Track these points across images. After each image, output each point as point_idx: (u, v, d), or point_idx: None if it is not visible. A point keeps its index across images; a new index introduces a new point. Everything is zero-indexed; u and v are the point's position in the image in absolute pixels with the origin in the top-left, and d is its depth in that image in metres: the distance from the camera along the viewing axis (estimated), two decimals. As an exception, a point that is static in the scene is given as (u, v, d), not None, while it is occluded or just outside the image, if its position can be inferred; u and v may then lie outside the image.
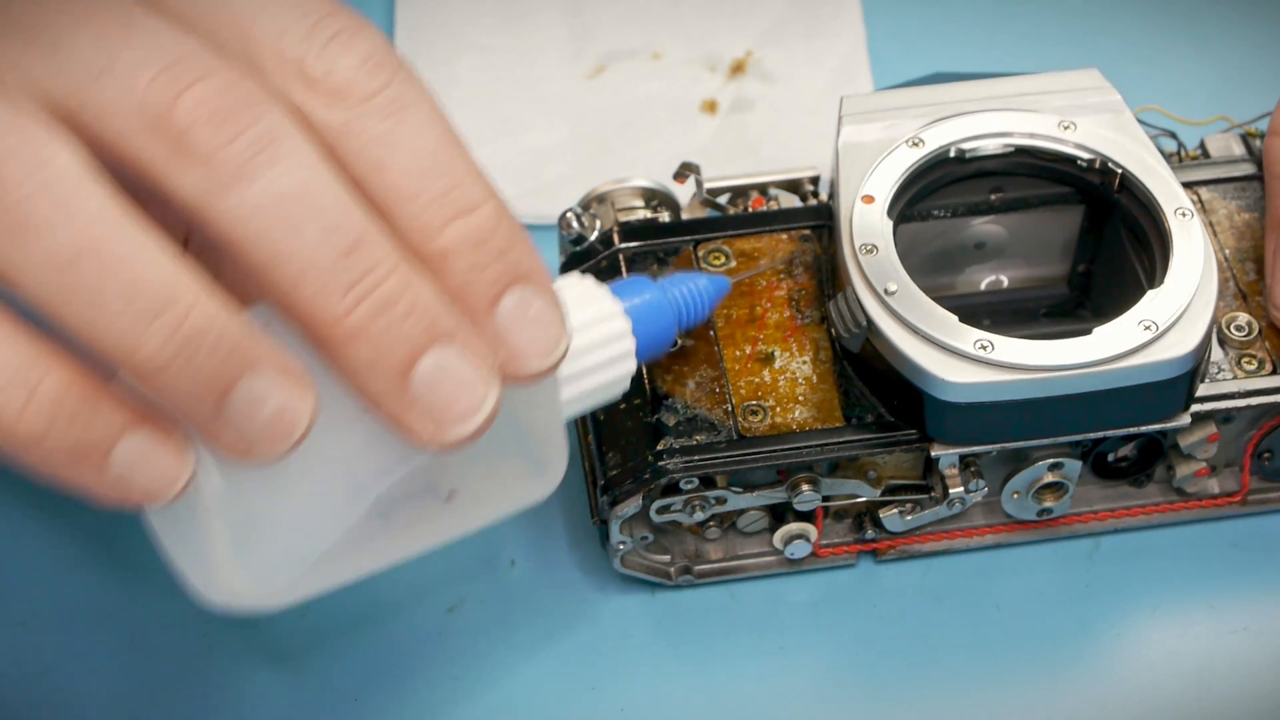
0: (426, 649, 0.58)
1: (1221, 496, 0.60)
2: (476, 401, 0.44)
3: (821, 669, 0.58)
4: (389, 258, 0.43)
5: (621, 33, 0.75)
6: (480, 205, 0.45)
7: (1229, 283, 0.58)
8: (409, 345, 0.43)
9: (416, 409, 0.44)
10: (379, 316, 0.43)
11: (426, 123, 0.45)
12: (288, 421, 0.42)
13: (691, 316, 0.55)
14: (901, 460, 0.57)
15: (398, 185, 0.44)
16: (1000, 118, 0.59)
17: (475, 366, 0.44)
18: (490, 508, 0.50)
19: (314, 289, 0.42)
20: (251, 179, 0.42)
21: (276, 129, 0.42)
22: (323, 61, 0.44)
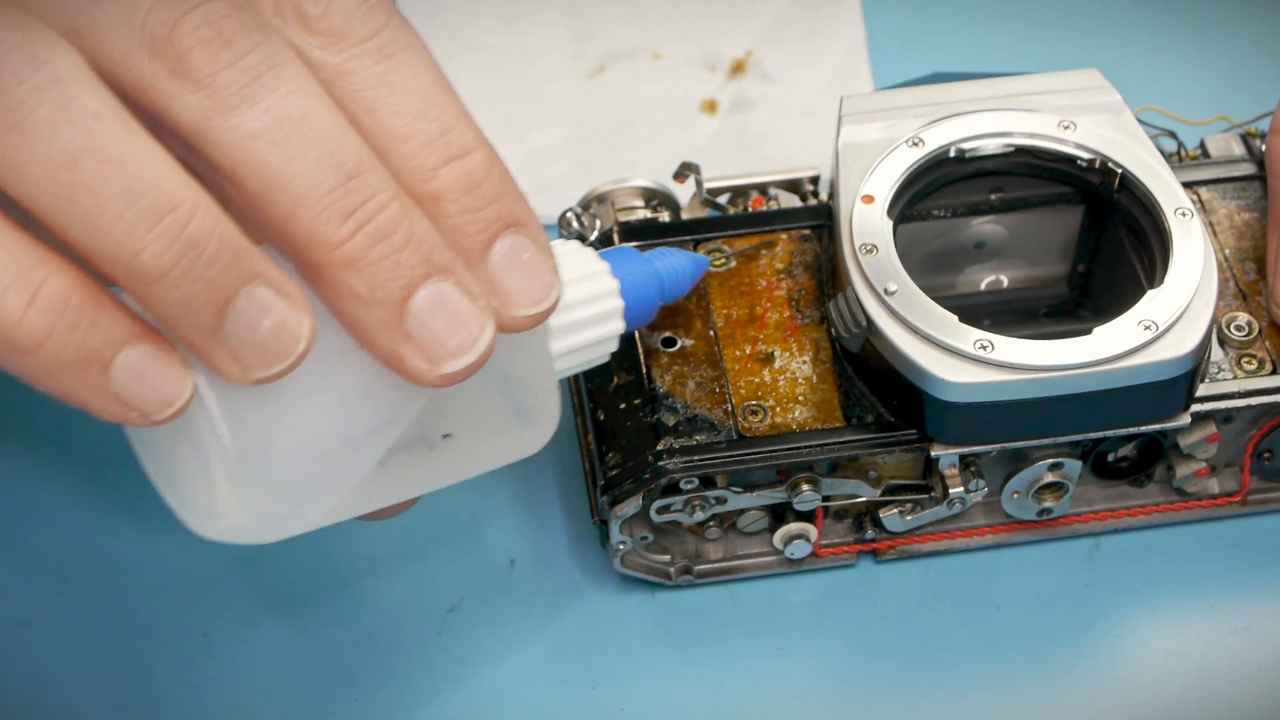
0: (426, 649, 0.58)
1: (1221, 496, 0.60)
2: (472, 336, 0.44)
3: (821, 669, 0.58)
4: (387, 188, 0.43)
5: (621, 33, 0.75)
6: (473, 150, 0.45)
7: (1229, 283, 0.58)
8: (406, 275, 0.43)
9: (411, 342, 0.43)
10: (376, 245, 0.42)
11: (420, 67, 0.45)
12: (287, 337, 0.42)
13: (674, 290, 0.55)
14: (901, 460, 0.57)
15: (391, 127, 0.44)
16: (1000, 118, 0.59)
17: (471, 301, 0.44)
18: (482, 457, 0.50)
19: (311, 215, 0.42)
20: (251, 103, 0.42)
21: (277, 55, 0.42)
22: (319, 2, 0.44)
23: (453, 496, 0.53)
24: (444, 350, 0.44)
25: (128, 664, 0.58)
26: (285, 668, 0.58)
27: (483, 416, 0.49)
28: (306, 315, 0.42)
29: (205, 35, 0.42)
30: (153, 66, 0.41)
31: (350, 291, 0.43)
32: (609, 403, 0.57)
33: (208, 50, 0.42)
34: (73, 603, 0.59)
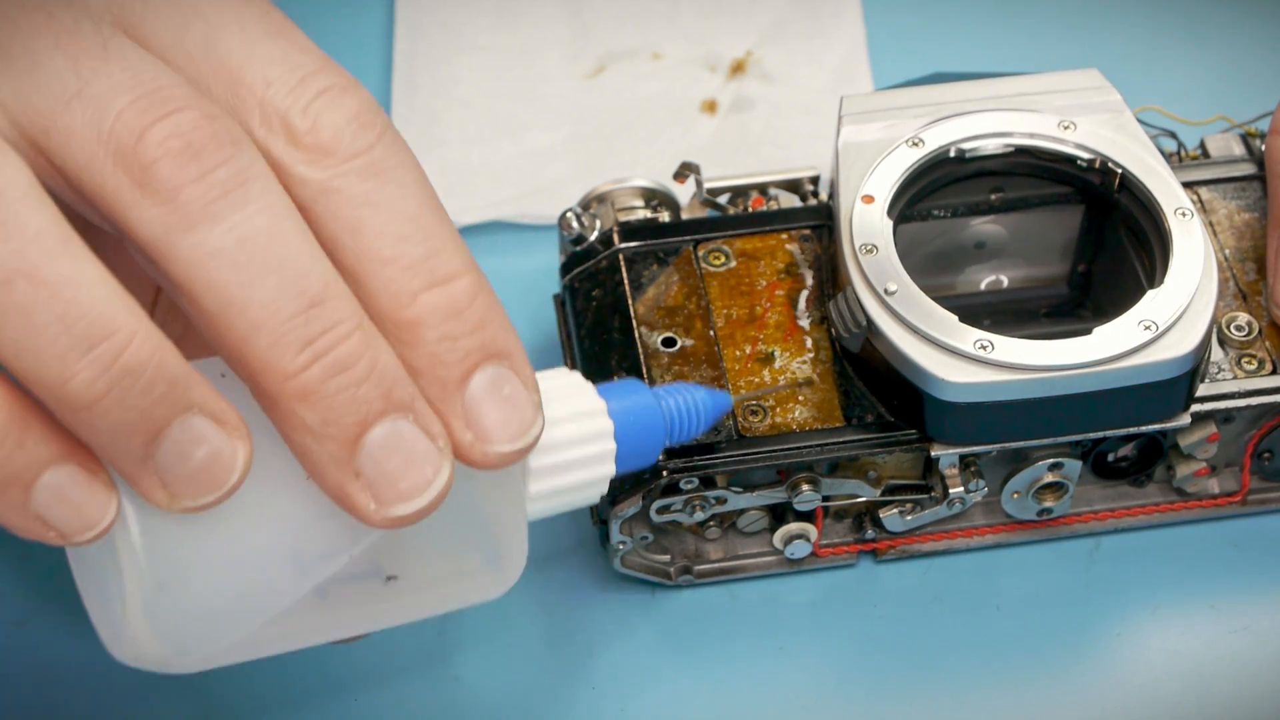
0: (426, 649, 0.58)
1: (1221, 496, 0.60)
2: (425, 480, 0.42)
3: (821, 669, 0.58)
4: (351, 317, 0.41)
5: (621, 33, 0.75)
6: (459, 276, 0.43)
7: (1229, 283, 0.58)
8: (362, 411, 0.41)
9: (360, 480, 0.42)
10: (334, 377, 0.41)
11: (409, 187, 0.43)
12: (219, 469, 0.41)
13: (685, 431, 0.50)
14: (901, 460, 0.57)
15: (373, 248, 0.42)
16: (1000, 118, 0.59)
17: (429, 442, 0.42)
18: (436, 599, 0.48)
19: (268, 342, 0.40)
20: (215, 220, 0.40)
21: (248, 170, 0.41)
22: (308, 116, 0.42)
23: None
24: (394, 492, 0.42)
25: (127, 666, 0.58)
26: (285, 668, 0.58)
27: (441, 555, 0.47)
28: (243, 445, 0.41)
29: (173, 146, 0.40)
30: (116, 175, 0.40)
31: (302, 423, 0.41)
32: (609, 403, 0.57)
33: (175, 163, 0.40)
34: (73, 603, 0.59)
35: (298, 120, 0.42)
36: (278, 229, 0.41)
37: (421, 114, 0.72)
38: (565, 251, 0.61)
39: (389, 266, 0.42)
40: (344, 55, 0.75)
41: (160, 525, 0.42)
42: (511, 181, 0.70)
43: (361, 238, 0.42)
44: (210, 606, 0.44)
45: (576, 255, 0.61)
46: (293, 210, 0.42)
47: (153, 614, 0.43)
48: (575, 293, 0.60)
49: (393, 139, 0.44)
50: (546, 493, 0.47)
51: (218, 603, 0.44)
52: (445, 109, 0.72)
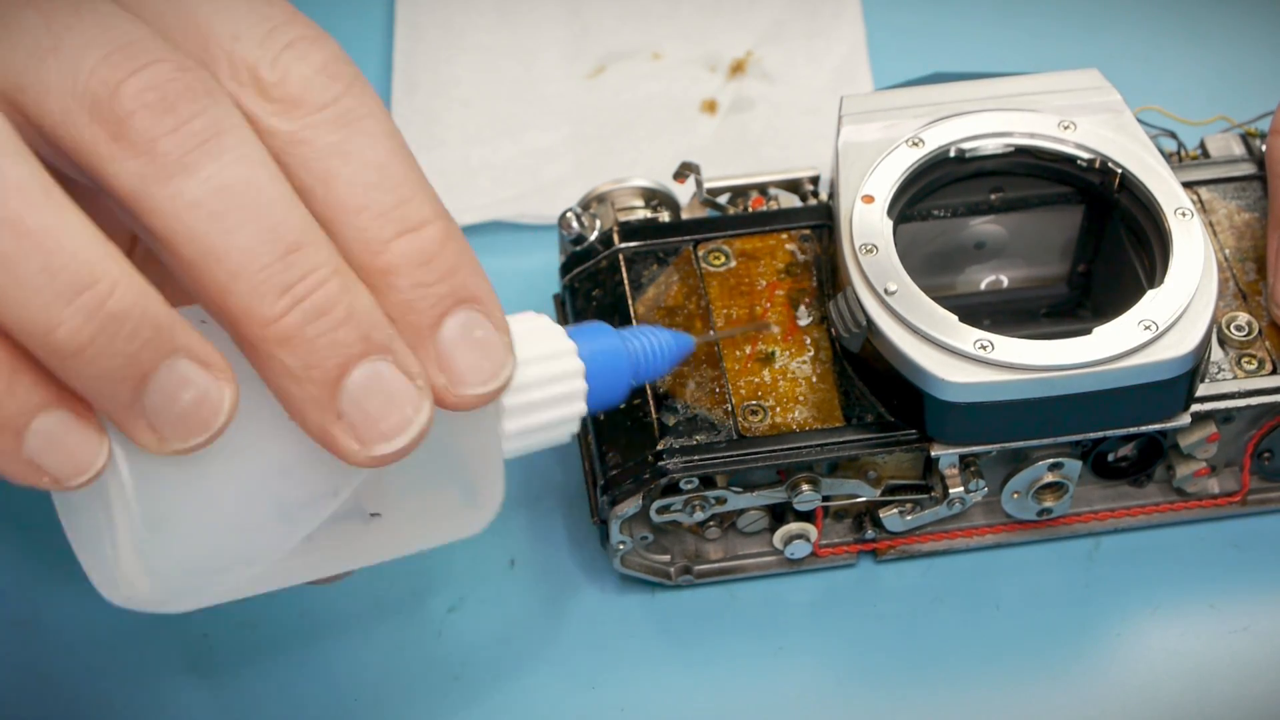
0: (426, 649, 0.58)
1: (1221, 496, 0.60)
2: (405, 419, 0.43)
3: (821, 669, 0.58)
4: (328, 262, 0.42)
5: (621, 33, 0.75)
6: (429, 223, 0.44)
7: (1229, 283, 0.58)
8: (342, 354, 0.42)
9: (343, 421, 0.42)
10: (313, 321, 0.41)
11: (378, 136, 0.44)
12: (206, 411, 0.41)
13: (649, 371, 0.51)
14: (901, 460, 0.57)
15: (344, 198, 0.43)
16: (1000, 118, 0.59)
17: (408, 382, 0.43)
18: (417, 536, 0.49)
19: (247, 289, 0.41)
20: (192, 170, 0.41)
21: (223, 121, 0.41)
22: (277, 68, 0.43)
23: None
24: (376, 432, 0.43)
25: (128, 663, 0.58)
26: (285, 668, 0.58)
27: (421, 493, 0.47)
28: (229, 387, 0.42)
29: (148, 99, 0.41)
30: (92, 129, 0.41)
31: (283, 367, 0.42)
32: (609, 403, 0.57)
33: (150, 115, 0.41)
34: (73, 603, 0.59)
35: (266, 72, 0.43)
36: (254, 178, 0.41)
37: (421, 114, 0.72)
38: (565, 251, 0.61)
39: (360, 215, 0.43)
40: (344, 55, 0.75)
41: (150, 468, 0.43)
42: (511, 181, 0.70)
43: (332, 187, 0.43)
44: (201, 548, 0.44)
45: (576, 255, 0.61)
46: (268, 159, 0.42)
47: (145, 555, 0.43)
48: (575, 293, 0.60)
49: (361, 89, 0.44)
50: (521, 430, 0.48)
51: (208, 544, 0.44)
52: (445, 109, 0.72)
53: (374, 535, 0.48)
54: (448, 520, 0.49)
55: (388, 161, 0.44)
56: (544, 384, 0.48)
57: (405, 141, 0.44)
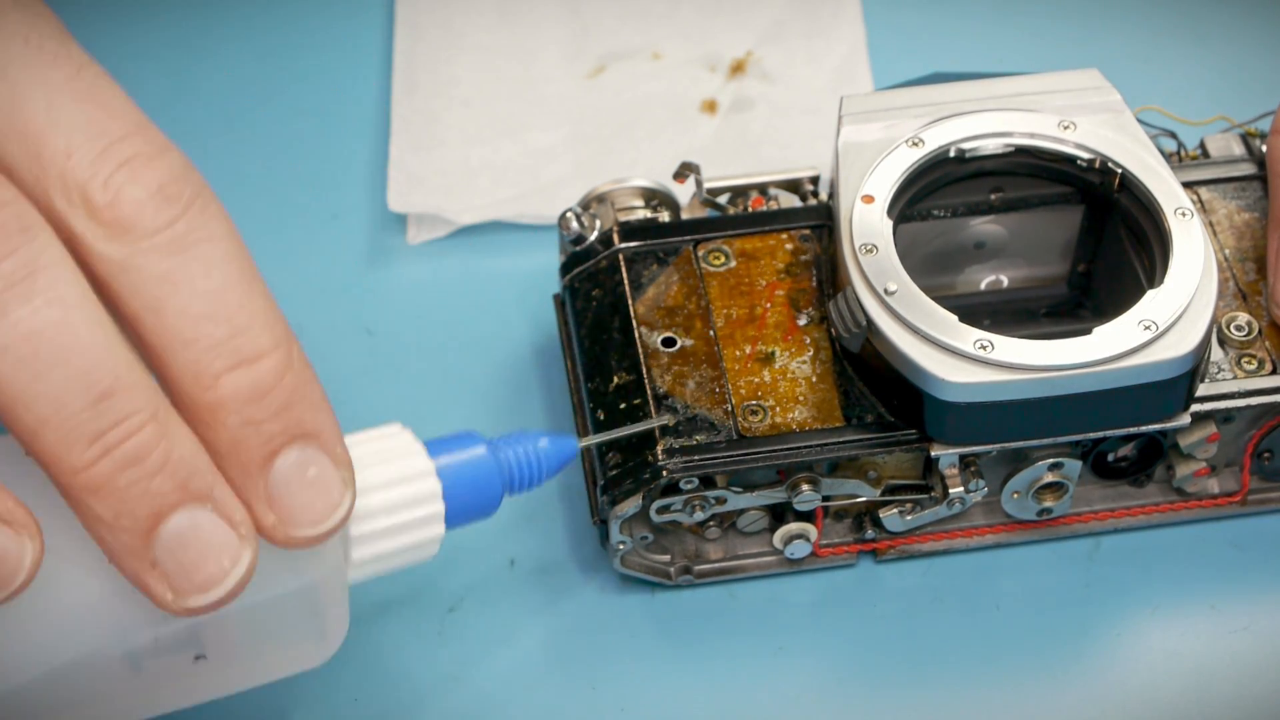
0: (426, 649, 0.58)
1: (1221, 496, 0.60)
2: (222, 570, 0.42)
3: (821, 669, 0.58)
4: (145, 407, 0.41)
5: (621, 33, 0.75)
6: (265, 355, 0.42)
7: (1229, 283, 0.58)
8: (155, 503, 0.41)
9: (157, 570, 0.41)
10: (125, 470, 0.40)
11: (216, 262, 0.42)
12: (4, 571, 0.40)
13: (525, 481, 0.51)
14: (901, 460, 0.57)
15: (174, 328, 0.42)
16: (1000, 118, 0.59)
17: (228, 531, 0.42)
18: (256, 670, 0.48)
19: (56, 438, 0.40)
20: (1, 314, 0.40)
21: (38, 259, 0.40)
22: (108, 189, 0.41)
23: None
24: (190, 583, 0.42)
25: (128, 664, 0.58)
26: (285, 668, 0.58)
27: (257, 629, 0.46)
28: (31, 544, 0.41)
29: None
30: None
31: (95, 515, 0.41)
32: (609, 403, 0.57)
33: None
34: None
35: (97, 194, 0.41)
36: (66, 321, 0.40)
37: (421, 114, 0.72)
38: (565, 251, 0.61)
39: (190, 347, 0.42)
40: (344, 55, 0.76)
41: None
42: (511, 181, 0.70)
43: (162, 317, 0.42)
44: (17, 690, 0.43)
45: (576, 255, 0.61)
46: (86, 297, 0.41)
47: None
48: (575, 293, 0.60)
49: (200, 209, 0.42)
50: (370, 558, 0.47)
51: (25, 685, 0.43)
52: (445, 109, 0.72)
53: (209, 672, 0.46)
54: (289, 651, 0.48)
55: (223, 289, 0.42)
56: (395, 510, 0.47)
57: (250, 264, 0.43)
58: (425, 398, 0.64)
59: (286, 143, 0.72)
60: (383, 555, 0.47)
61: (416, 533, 0.47)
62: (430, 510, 0.47)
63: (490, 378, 0.64)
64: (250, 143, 0.72)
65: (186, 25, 0.76)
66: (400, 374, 0.65)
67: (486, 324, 0.66)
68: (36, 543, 0.41)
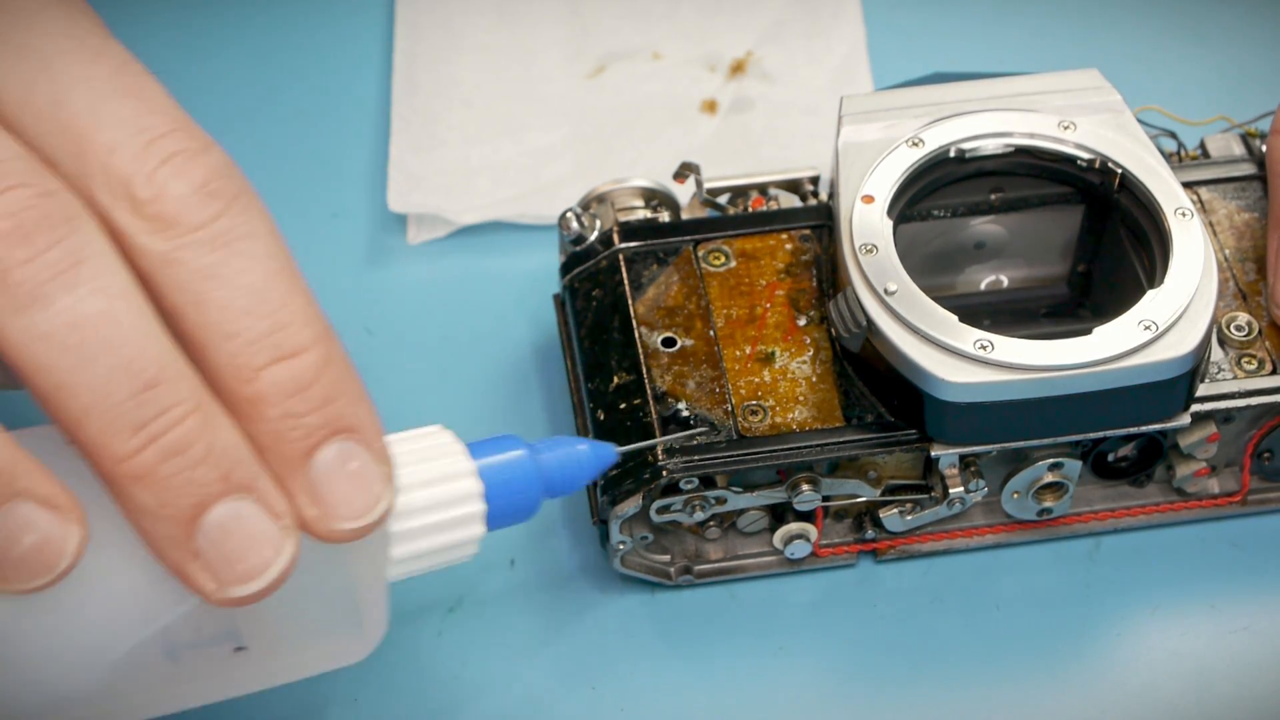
0: (426, 649, 0.58)
1: (1221, 496, 0.60)
2: (265, 561, 0.42)
3: (821, 669, 0.58)
4: (189, 399, 0.41)
5: (621, 33, 0.75)
6: (306, 349, 0.42)
7: (1229, 283, 0.58)
8: (199, 493, 0.41)
9: (199, 561, 0.42)
10: (168, 460, 0.41)
11: (258, 258, 0.42)
12: (50, 553, 0.41)
13: (564, 485, 0.50)
14: (901, 460, 0.57)
15: (216, 323, 0.42)
16: (1000, 118, 0.59)
17: (270, 522, 0.42)
18: (294, 665, 0.48)
19: (99, 426, 0.40)
20: (45, 303, 0.40)
21: (83, 249, 0.40)
22: (152, 184, 0.42)
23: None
24: (233, 573, 0.42)
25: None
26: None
27: (297, 623, 0.46)
28: (75, 529, 0.41)
29: (3, 228, 0.40)
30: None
31: (138, 504, 0.41)
32: (609, 403, 0.57)
33: (4, 245, 0.40)
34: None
35: (141, 189, 0.42)
36: (111, 311, 0.40)
37: (421, 114, 0.72)
38: (565, 251, 0.61)
39: (232, 341, 0.42)
40: (344, 55, 0.76)
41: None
42: (511, 181, 0.70)
43: (205, 311, 0.42)
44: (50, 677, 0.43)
45: (576, 255, 0.61)
46: (130, 288, 0.41)
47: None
48: (575, 293, 0.60)
49: (244, 206, 0.43)
50: (409, 556, 0.47)
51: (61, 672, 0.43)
52: (445, 109, 0.72)
53: (247, 665, 0.46)
54: (327, 648, 0.48)
55: (265, 285, 0.42)
56: (435, 509, 0.47)
57: (290, 260, 0.43)
58: (425, 398, 0.64)
59: (286, 143, 0.72)
60: (422, 553, 0.47)
61: (456, 532, 0.47)
62: (471, 510, 0.47)
63: (490, 378, 0.64)
64: (250, 143, 0.72)
65: (186, 25, 0.76)
66: (400, 374, 0.65)
67: (486, 324, 0.66)
68: (81, 528, 0.41)
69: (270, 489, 0.42)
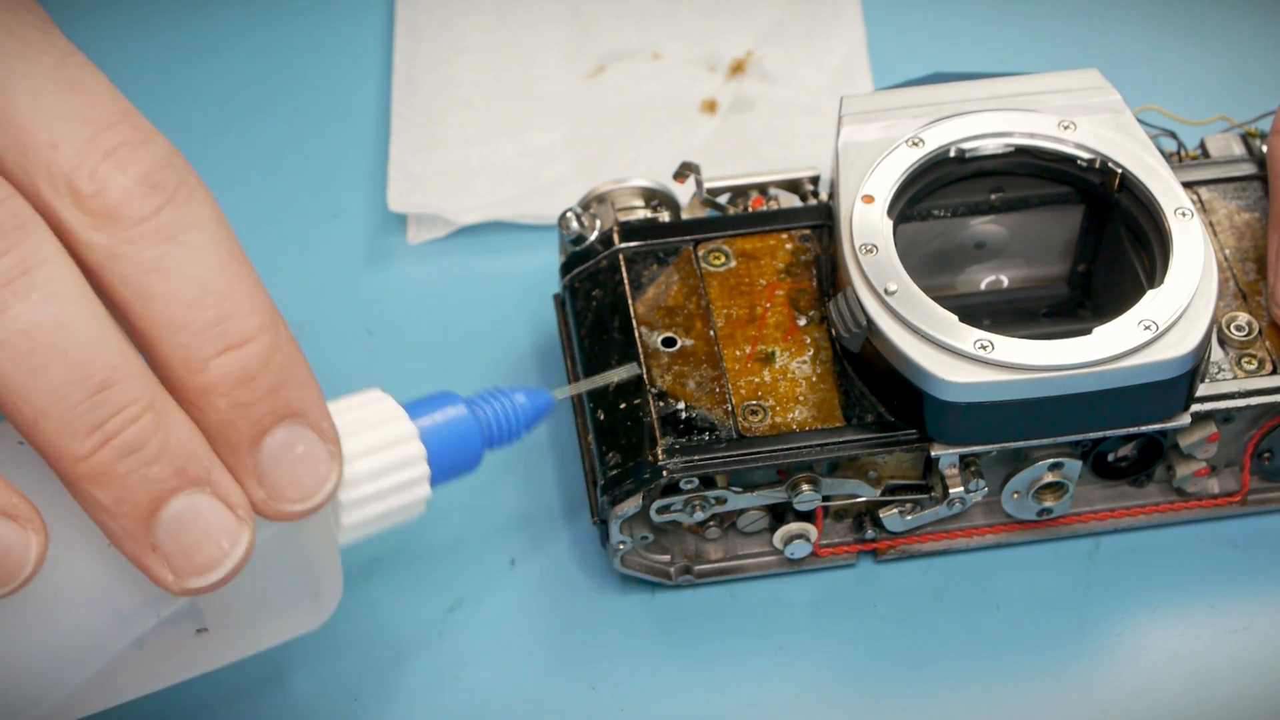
0: (426, 649, 0.58)
1: (1221, 496, 0.60)
2: (222, 552, 0.43)
3: (821, 669, 0.58)
4: (142, 397, 0.41)
5: (621, 33, 0.75)
6: (252, 338, 0.43)
7: (1229, 283, 0.58)
8: (155, 489, 0.42)
9: (158, 554, 0.42)
10: (123, 459, 0.41)
11: (203, 248, 0.43)
12: (11, 564, 0.41)
13: (505, 435, 0.51)
14: (901, 460, 0.57)
15: (163, 315, 0.42)
16: (1000, 118, 0.59)
17: (226, 513, 0.43)
18: (255, 638, 0.48)
19: (55, 428, 0.41)
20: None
21: (32, 257, 0.41)
22: (95, 179, 0.42)
23: (452, 496, 0.53)
24: (190, 565, 0.42)
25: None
26: (285, 668, 0.58)
27: (255, 599, 0.47)
28: (35, 537, 0.41)
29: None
30: None
31: (96, 502, 0.41)
32: (609, 403, 0.57)
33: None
34: None
35: (84, 183, 0.42)
36: (63, 315, 0.41)
37: (421, 114, 0.72)
38: (565, 251, 0.61)
39: (180, 333, 0.42)
40: (344, 55, 0.76)
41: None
42: (511, 181, 0.70)
43: (151, 304, 0.42)
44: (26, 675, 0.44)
45: (576, 255, 0.61)
46: (82, 290, 0.41)
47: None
48: (575, 293, 0.60)
49: (187, 196, 0.43)
50: (359, 522, 0.48)
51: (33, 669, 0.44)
52: (445, 109, 0.72)
53: (210, 642, 0.47)
54: (287, 619, 0.49)
55: (212, 275, 0.43)
56: (381, 474, 0.47)
57: (237, 248, 0.43)
58: (425, 398, 0.64)
59: (286, 143, 0.72)
60: (371, 519, 0.48)
61: (403, 495, 0.48)
62: (415, 473, 0.48)
63: (490, 378, 0.64)
64: (250, 143, 0.72)
65: (186, 26, 0.76)
66: (400, 374, 0.65)
67: (486, 324, 0.66)
68: (41, 535, 0.41)
69: (225, 480, 0.43)
